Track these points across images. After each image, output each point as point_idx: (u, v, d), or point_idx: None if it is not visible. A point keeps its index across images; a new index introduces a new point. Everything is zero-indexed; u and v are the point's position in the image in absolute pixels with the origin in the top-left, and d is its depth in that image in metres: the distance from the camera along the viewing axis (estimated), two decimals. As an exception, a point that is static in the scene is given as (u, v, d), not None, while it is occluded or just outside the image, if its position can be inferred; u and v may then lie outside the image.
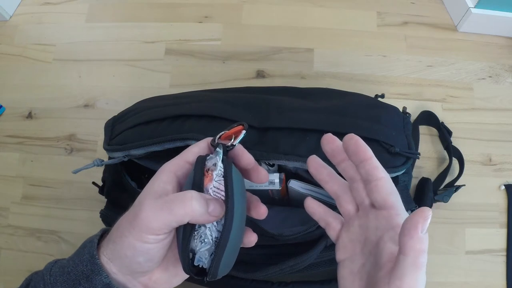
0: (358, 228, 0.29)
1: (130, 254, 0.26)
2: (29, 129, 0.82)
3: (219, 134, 0.30)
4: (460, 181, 0.71)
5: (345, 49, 0.85)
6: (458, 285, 0.70)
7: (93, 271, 0.27)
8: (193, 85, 0.83)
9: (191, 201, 0.25)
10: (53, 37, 0.89)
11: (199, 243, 0.26)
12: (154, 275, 0.29)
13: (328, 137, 0.30)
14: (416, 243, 0.23)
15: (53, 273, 0.28)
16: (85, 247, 0.28)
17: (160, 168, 0.29)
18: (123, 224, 0.27)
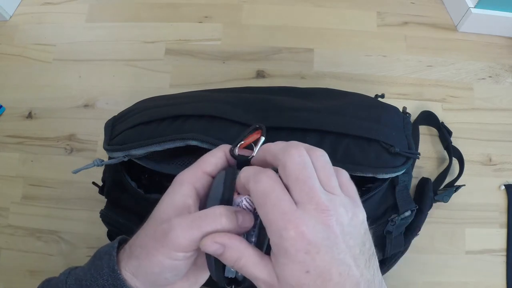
0: None
1: (157, 271, 0.26)
2: (29, 129, 0.82)
3: (237, 143, 0.28)
4: (460, 181, 0.71)
5: (345, 49, 0.85)
6: (458, 285, 0.70)
7: (116, 286, 0.26)
8: (193, 85, 0.83)
9: (220, 218, 0.25)
10: (53, 37, 0.89)
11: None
12: (176, 285, 0.29)
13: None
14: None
15: (69, 286, 0.28)
16: (102, 259, 0.28)
17: (177, 179, 0.28)
18: (149, 241, 0.26)
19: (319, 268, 0.23)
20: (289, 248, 0.23)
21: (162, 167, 0.49)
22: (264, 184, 0.24)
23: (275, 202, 0.24)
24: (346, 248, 0.24)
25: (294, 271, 0.23)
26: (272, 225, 0.24)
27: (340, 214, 0.24)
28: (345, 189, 0.26)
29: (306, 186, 0.24)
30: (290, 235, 0.23)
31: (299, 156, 0.25)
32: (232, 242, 0.25)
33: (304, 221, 0.23)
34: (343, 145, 0.47)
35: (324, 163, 0.26)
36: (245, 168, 0.27)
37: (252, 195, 0.25)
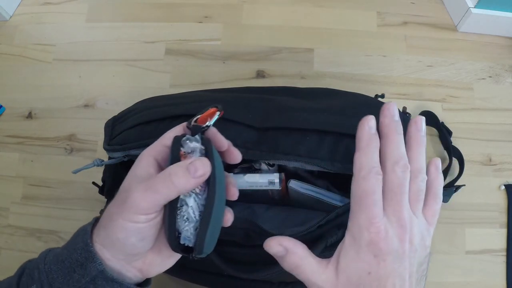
0: None
1: (122, 236, 0.27)
2: (29, 129, 0.82)
3: (194, 118, 0.30)
4: (460, 181, 0.71)
5: (345, 49, 0.85)
6: (458, 285, 0.70)
7: (87, 258, 0.27)
8: (193, 85, 0.83)
9: (171, 176, 0.26)
10: (53, 37, 0.89)
11: (183, 222, 0.27)
12: (148, 258, 0.30)
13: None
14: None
15: (48, 261, 0.29)
16: (78, 235, 0.29)
17: (140, 155, 0.30)
18: (112, 210, 0.27)
19: (379, 274, 0.26)
20: (363, 246, 0.27)
21: (162, 167, 0.49)
22: (371, 184, 0.27)
23: (370, 204, 0.27)
24: (408, 265, 0.27)
25: (359, 268, 0.27)
26: (359, 220, 0.27)
27: (414, 234, 0.28)
28: (428, 214, 0.30)
29: (396, 200, 0.28)
30: (370, 236, 0.26)
31: (402, 173, 0.28)
32: (296, 248, 0.29)
33: (385, 230, 0.27)
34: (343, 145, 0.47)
35: (419, 187, 0.29)
36: (366, 153, 0.28)
37: (355, 185, 0.28)
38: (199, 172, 0.26)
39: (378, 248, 0.26)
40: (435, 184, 0.31)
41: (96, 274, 0.27)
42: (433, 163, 0.33)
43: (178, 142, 0.28)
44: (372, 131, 0.30)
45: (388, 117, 0.31)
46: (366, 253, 0.26)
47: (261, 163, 0.50)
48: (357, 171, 0.28)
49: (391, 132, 0.30)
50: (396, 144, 0.29)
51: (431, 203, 0.30)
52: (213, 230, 0.27)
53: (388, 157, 0.29)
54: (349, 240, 0.28)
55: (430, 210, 0.30)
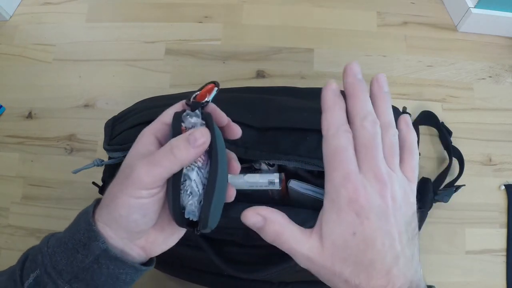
0: None
1: (124, 212, 0.27)
2: (29, 129, 0.82)
3: (193, 95, 0.30)
4: (460, 181, 0.71)
5: (345, 49, 0.85)
6: (458, 285, 0.70)
7: (90, 238, 0.27)
8: (193, 85, 0.83)
9: (172, 149, 0.26)
10: (53, 37, 0.89)
11: (186, 197, 0.27)
12: (151, 236, 0.30)
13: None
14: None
15: (50, 245, 0.29)
16: (80, 218, 0.29)
17: (140, 134, 0.29)
18: (115, 187, 0.27)
19: (365, 233, 0.25)
20: (343, 206, 0.25)
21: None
22: (341, 141, 0.26)
23: (343, 160, 0.26)
24: (394, 222, 0.25)
25: (342, 230, 0.25)
26: (334, 180, 0.26)
27: (395, 189, 0.26)
28: (407, 170, 0.28)
29: (370, 154, 0.26)
30: (348, 193, 0.25)
31: (372, 127, 0.27)
32: (274, 216, 0.27)
33: (363, 185, 0.25)
34: (343, 145, 0.47)
35: (392, 141, 0.28)
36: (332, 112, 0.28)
37: (325, 145, 0.27)
38: (199, 141, 0.26)
39: (358, 205, 0.25)
40: (408, 139, 0.30)
41: (99, 253, 0.27)
42: (402, 119, 0.31)
43: (179, 117, 0.28)
44: (336, 93, 0.29)
45: (351, 75, 0.30)
46: (347, 213, 0.25)
47: (261, 163, 0.50)
48: (326, 131, 0.27)
49: (356, 90, 0.29)
50: (362, 100, 0.28)
51: (407, 158, 0.29)
52: (217, 203, 0.27)
53: (356, 114, 0.27)
54: (328, 203, 0.26)
55: (408, 166, 0.28)
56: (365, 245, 0.25)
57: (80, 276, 0.27)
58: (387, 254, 0.25)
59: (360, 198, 0.25)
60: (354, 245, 0.25)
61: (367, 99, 0.29)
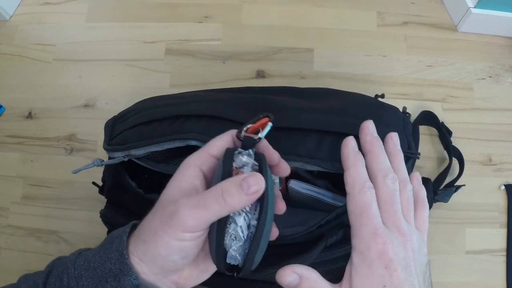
0: None
1: (164, 253, 0.26)
2: (29, 129, 0.82)
3: (245, 127, 0.29)
4: (460, 181, 0.71)
5: (345, 49, 0.85)
6: (458, 285, 0.70)
7: (122, 271, 0.26)
8: (193, 85, 0.83)
9: (224, 194, 0.25)
10: (53, 37, 0.89)
11: (230, 241, 0.26)
12: (185, 272, 0.29)
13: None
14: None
15: (78, 266, 0.27)
16: (113, 242, 0.27)
17: (184, 163, 0.28)
18: (156, 223, 0.26)
19: (394, 284, 0.26)
20: (374, 260, 0.27)
21: (162, 167, 0.49)
22: (367, 197, 0.28)
23: (371, 216, 0.28)
24: (415, 273, 0.27)
25: (373, 283, 0.26)
26: (363, 235, 0.27)
27: (413, 242, 0.28)
28: (419, 223, 0.31)
29: (392, 210, 0.28)
30: (378, 248, 0.27)
31: (392, 184, 0.29)
32: (309, 274, 0.28)
33: (391, 240, 0.27)
34: (343, 145, 0.47)
35: (408, 196, 0.31)
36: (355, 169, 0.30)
37: (352, 201, 0.29)
38: (252, 189, 0.25)
39: (388, 258, 0.26)
40: (420, 195, 0.32)
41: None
42: (414, 177, 0.34)
43: (231, 155, 0.27)
44: (355, 149, 0.31)
45: (368, 134, 0.32)
46: (377, 266, 0.26)
47: (261, 163, 0.50)
48: (351, 188, 0.29)
49: (374, 148, 0.31)
50: (381, 158, 0.31)
51: (420, 211, 0.31)
52: (261, 249, 0.27)
53: (378, 171, 0.30)
54: (357, 257, 0.28)
55: (421, 219, 0.31)
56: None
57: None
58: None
59: (389, 252, 0.26)
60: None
61: (385, 156, 0.31)
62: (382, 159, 0.31)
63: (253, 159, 0.28)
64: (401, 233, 0.28)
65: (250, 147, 0.28)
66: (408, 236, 0.28)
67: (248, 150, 0.28)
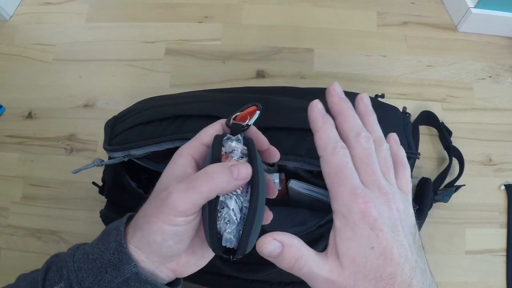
0: None
1: (159, 239, 0.26)
2: (29, 129, 0.82)
3: (233, 115, 0.30)
4: (460, 181, 0.71)
5: (345, 49, 0.85)
6: (458, 285, 0.70)
7: (121, 260, 0.26)
8: (193, 85, 0.83)
9: (212, 175, 0.25)
10: (53, 37, 0.89)
11: (224, 225, 0.26)
12: (182, 259, 0.30)
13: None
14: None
15: (77, 259, 0.28)
16: (110, 234, 0.28)
17: (176, 152, 0.29)
18: (150, 210, 0.27)
19: (382, 245, 0.24)
20: (357, 221, 0.25)
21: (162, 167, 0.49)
22: (341, 157, 0.26)
23: (347, 176, 0.26)
24: (403, 233, 0.26)
25: (360, 246, 0.25)
26: (342, 197, 0.26)
27: (397, 201, 0.27)
28: (401, 183, 0.29)
29: (370, 169, 0.27)
30: (360, 208, 0.25)
31: (367, 143, 0.27)
32: (292, 241, 0.27)
33: (372, 198, 0.25)
34: (343, 145, 0.47)
35: (386, 155, 0.29)
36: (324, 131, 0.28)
37: (325, 164, 0.27)
38: (241, 176, 0.26)
39: (372, 218, 0.25)
40: (400, 154, 0.31)
41: (130, 276, 0.27)
42: (391, 137, 0.32)
43: (220, 141, 0.28)
44: (322, 112, 0.29)
45: (335, 96, 0.31)
46: (362, 228, 0.25)
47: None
48: (323, 150, 0.27)
49: (343, 108, 0.30)
50: (352, 118, 0.29)
51: (401, 171, 0.29)
52: (255, 231, 0.27)
53: (349, 131, 0.28)
54: (339, 221, 0.26)
55: (403, 179, 0.29)
56: (384, 258, 0.24)
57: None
58: (405, 265, 0.25)
59: (372, 211, 0.25)
60: (374, 260, 0.24)
61: (356, 115, 0.29)
62: (353, 119, 0.29)
63: (242, 144, 0.28)
64: (382, 192, 0.26)
65: (238, 133, 0.29)
66: (390, 195, 0.26)
67: (237, 136, 0.28)
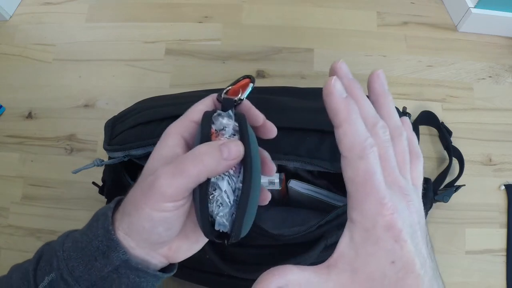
0: None
1: (148, 226, 0.25)
2: (29, 129, 0.82)
3: (225, 89, 0.27)
4: (460, 181, 0.71)
5: (345, 49, 0.85)
6: (458, 285, 0.70)
7: (110, 247, 0.25)
8: (193, 85, 0.83)
9: (201, 156, 0.23)
10: (53, 37, 0.89)
11: (216, 208, 0.24)
12: (174, 244, 0.28)
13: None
14: None
15: (66, 248, 0.27)
16: (98, 220, 0.26)
17: (165, 132, 0.27)
18: (137, 195, 0.25)
19: (405, 258, 0.21)
20: (381, 234, 0.21)
21: (162, 167, 0.49)
22: (372, 163, 0.22)
23: (376, 184, 0.21)
24: (421, 239, 0.23)
25: (380, 261, 0.22)
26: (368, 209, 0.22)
27: (415, 201, 0.23)
28: (414, 177, 0.25)
29: (390, 166, 0.23)
30: (386, 220, 0.21)
31: (385, 135, 0.23)
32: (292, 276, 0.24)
33: (397, 206, 0.22)
34: (343, 145, 0.47)
35: (404, 147, 0.25)
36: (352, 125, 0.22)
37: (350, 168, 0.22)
38: (232, 155, 0.23)
39: (397, 230, 0.21)
40: (414, 144, 0.26)
41: (120, 264, 0.25)
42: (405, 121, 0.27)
43: (209, 118, 0.25)
44: (344, 96, 0.22)
45: (344, 77, 0.24)
46: (386, 241, 0.21)
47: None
48: (348, 151, 0.22)
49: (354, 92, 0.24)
50: (366, 104, 0.24)
51: (415, 163, 0.25)
52: (250, 213, 0.25)
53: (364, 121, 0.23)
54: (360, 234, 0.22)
55: (416, 172, 0.25)
56: (405, 271, 0.22)
57: (98, 284, 0.26)
58: (425, 276, 0.22)
59: (398, 222, 0.21)
60: (393, 274, 0.22)
61: (368, 101, 0.24)
62: (368, 105, 0.24)
63: (234, 120, 0.26)
64: (403, 194, 0.23)
65: (229, 108, 0.26)
66: (410, 196, 0.23)
67: (227, 112, 0.26)
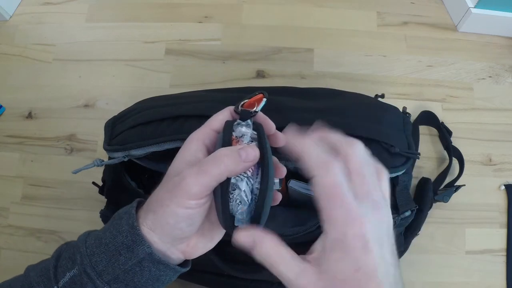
0: None
1: (172, 221, 0.27)
2: (29, 129, 0.82)
3: (241, 102, 0.31)
4: (460, 181, 0.71)
5: (345, 49, 0.85)
6: (458, 285, 0.70)
7: (135, 241, 0.27)
8: (193, 85, 0.83)
9: (222, 158, 0.26)
10: (53, 37, 0.89)
11: (236, 206, 0.27)
12: (192, 241, 0.31)
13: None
14: None
15: (89, 245, 0.29)
16: (122, 218, 0.29)
17: (188, 138, 0.30)
18: (163, 194, 0.28)
19: (369, 266, 0.24)
20: (350, 244, 0.24)
21: (162, 167, 0.49)
22: (336, 177, 0.25)
23: (342, 197, 0.24)
24: (387, 247, 0.25)
25: (346, 267, 0.24)
26: (337, 220, 0.24)
27: (386, 212, 0.26)
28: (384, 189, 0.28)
29: (366, 182, 0.25)
30: (355, 231, 0.24)
31: (363, 152, 0.26)
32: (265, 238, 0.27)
33: (368, 219, 0.24)
34: (343, 145, 0.47)
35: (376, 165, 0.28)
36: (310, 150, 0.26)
37: (318, 185, 0.25)
38: (250, 157, 0.27)
39: (365, 239, 0.24)
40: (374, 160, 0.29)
41: (144, 257, 0.27)
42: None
43: (231, 126, 0.29)
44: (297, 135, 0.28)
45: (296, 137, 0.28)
46: (353, 249, 0.24)
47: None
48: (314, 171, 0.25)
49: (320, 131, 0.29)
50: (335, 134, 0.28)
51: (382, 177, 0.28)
52: (266, 211, 0.28)
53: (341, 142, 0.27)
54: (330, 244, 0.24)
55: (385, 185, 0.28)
56: (367, 277, 0.24)
57: (120, 277, 0.28)
58: (385, 283, 0.24)
59: (367, 233, 0.24)
60: (356, 280, 0.24)
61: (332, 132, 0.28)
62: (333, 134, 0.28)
63: (251, 129, 0.30)
64: (376, 206, 0.25)
65: (247, 118, 0.30)
66: (382, 209, 0.25)
67: (246, 121, 0.30)
